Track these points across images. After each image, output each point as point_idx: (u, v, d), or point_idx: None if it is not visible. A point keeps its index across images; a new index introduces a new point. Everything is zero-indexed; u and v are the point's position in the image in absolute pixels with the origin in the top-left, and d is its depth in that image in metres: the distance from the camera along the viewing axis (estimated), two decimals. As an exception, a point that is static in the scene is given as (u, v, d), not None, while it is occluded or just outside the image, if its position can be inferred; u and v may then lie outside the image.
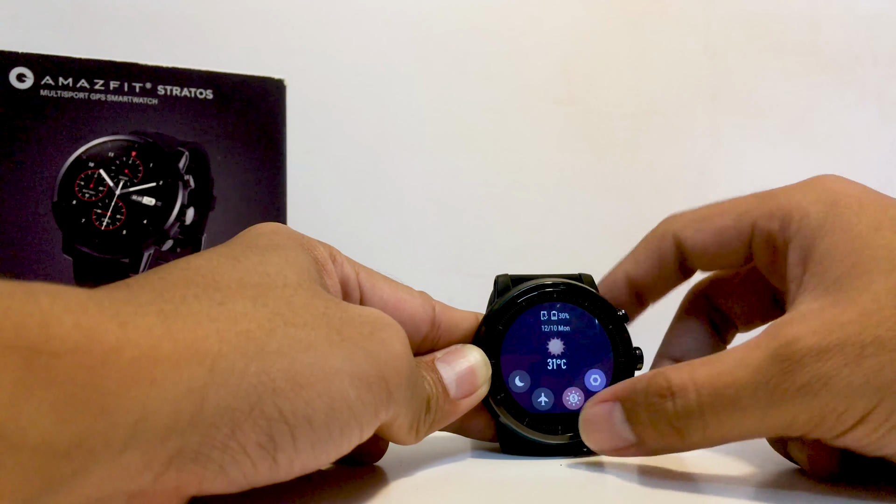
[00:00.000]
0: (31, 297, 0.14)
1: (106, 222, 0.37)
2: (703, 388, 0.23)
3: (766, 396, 0.22)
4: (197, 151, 0.40)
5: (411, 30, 0.65)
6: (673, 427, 0.23)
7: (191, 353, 0.17)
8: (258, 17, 0.62)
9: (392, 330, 0.23)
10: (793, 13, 0.69)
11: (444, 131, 0.65)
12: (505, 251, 0.65)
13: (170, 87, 0.39)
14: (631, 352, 0.29)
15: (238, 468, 0.18)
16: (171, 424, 0.16)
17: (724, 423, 0.23)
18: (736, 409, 0.22)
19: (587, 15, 0.68)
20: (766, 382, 0.22)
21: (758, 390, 0.22)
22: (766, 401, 0.22)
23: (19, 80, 0.36)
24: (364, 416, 0.21)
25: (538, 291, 0.29)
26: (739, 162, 0.68)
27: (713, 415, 0.23)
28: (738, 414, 0.22)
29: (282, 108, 0.42)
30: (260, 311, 0.19)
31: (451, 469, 0.27)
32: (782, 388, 0.21)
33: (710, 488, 0.24)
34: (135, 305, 0.17)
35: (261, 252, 0.22)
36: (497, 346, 0.29)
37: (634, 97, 0.68)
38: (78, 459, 0.14)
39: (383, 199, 0.64)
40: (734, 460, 0.28)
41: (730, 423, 0.23)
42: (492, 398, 0.28)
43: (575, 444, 0.28)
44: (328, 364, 0.20)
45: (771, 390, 0.21)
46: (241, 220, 0.40)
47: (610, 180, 0.67)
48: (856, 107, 0.69)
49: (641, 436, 0.24)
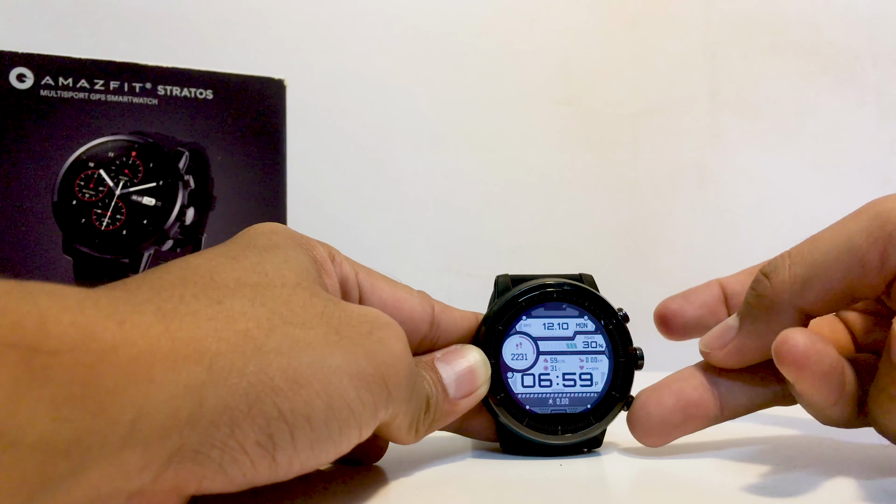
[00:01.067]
0: (28, 295, 0.14)
1: (106, 222, 0.37)
2: (794, 248, 0.25)
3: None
4: (197, 151, 0.40)
5: (411, 30, 0.65)
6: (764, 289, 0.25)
7: (189, 351, 0.17)
8: (258, 17, 0.62)
9: (391, 329, 0.23)
10: (793, 13, 0.69)
11: (443, 131, 0.65)
12: (505, 251, 0.65)
13: (170, 87, 0.39)
14: (631, 352, 0.29)
15: (237, 467, 0.18)
16: (169, 423, 0.16)
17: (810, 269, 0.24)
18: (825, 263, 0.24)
19: (587, 15, 0.68)
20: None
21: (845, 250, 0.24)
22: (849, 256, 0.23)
23: (19, 80, 0.36)
24: (363, 415, 0.20)
25: (538, 291, 0.29)
26: (739, 162, 0.68)
27: (803, 262, 0.24)
28: (825, 260, 0.24)
29: (282, 108, 0.42)
30: (258, 311, 0.19)
31: (451, 469, 0.27)
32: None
33: (710, 488, 0.24)
34: (133, 304, 0.17)
35: (259, 252, 0.22)
36: (497, 346, 0.29)
37: (634, 97, 0.68)
38: (76, 458, 0.14)
39: (383, 199, 0.64)
40: (734, 463, 0.28)
41: (818, 272, 0.24)
42: (491, 398, 0.28)
43: (574, 444, 0.28)
44: (327, 363, 0.20)
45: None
46: (241, 220, 0.40)
47: (610, 180, 0.67)
48: (856, 107, 0.69)
49: (744, 314, 0.26)
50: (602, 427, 0.29)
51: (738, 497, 0.23)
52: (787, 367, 0.23)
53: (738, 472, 0.26)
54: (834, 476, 0.25)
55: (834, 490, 0.23)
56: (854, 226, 0.24)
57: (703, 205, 0.67)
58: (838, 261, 0.24)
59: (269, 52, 0.62)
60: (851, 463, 0.27)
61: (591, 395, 0.29)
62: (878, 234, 0.23)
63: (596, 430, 0.28)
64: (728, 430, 0.33)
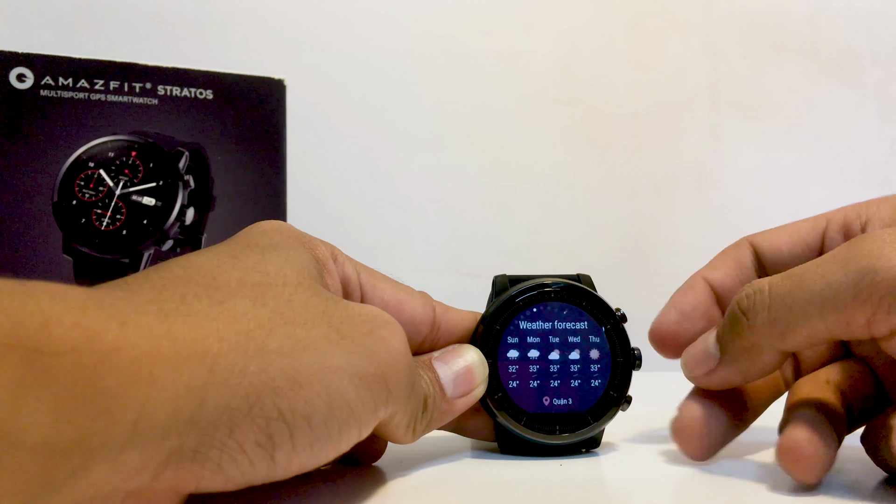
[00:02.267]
0: (31, 296, 0.15)
1: (106, 222, 0.37)
2: (774, 285, 0.23)
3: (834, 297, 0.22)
4: (197, 151, 0.40)
5: (411, 30, 0.65)
6: (748, 323, 0.24)
7: (190, 352, 0.17)
8: (258, 17, 0.62)
9: (392, 328, 0.23)
10: (793, 13, 0.69)
11: (443, 131, 0.65)
12: (505, 251, 0.65)
13: (170, 87, 0.39)
14: (629, 352, 0.29)
15: (236, 467, 0.18)
16: (170, 424, 0.16)
17: (793, 316, 0.23)
18: (806, 307, 0.22)
19: (587, 15, 0.68)
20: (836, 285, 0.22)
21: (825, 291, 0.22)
22: (834, 301, 0.22)
23: (19, 80, 0.36)
24: (363, 414, 0.21)
25: (536, 291, 0.29)
26: (739, 162, 0.68)
27: (783, 308, 0.23)
28: (807, 310, 0.22)
29: (282, 108, 0.42)
30: (260, 311, 0.19)
31: (449, 469, 0.27)
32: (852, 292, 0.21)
33: (710, 489, 0.25)
34: (135, 305, 0.17)
35: (261, 251, 0.22)
36: (494, 346, 0.29)
37: (634, 97, 0.68)
38: (77, 459, 0.14)
39: (383, 199, 0.64)
40: (734, 463, 0.28)
41: (799, 320, 0.23)
42: (489, 398, 0.28)
43: (572, 444, 0.28)
44: (328, 363, 0.20)
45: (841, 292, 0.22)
46: (241, 220, 0.40)
47: (610, 180, 0.67)
48: (856, 107, 0.69)
49: (724, 346, 0.25)
50: (600, 427, 0.29)
51: (738, 497, 0.23)
52: (787, 468, 0.23)
53: (738, 472, 0.26)
54: (834, 476, 0.25)
55: (833, 490, 0.24)
56: (841, 278, 0.21)
57: (703, 205, 0.67)
58: (821, 313, 0.22)
59: (269, 52, 0.62)
60: (853, 463, 0.27)
61: (589, 396, 0.29)
62: (866, 295, 0.21)
63: (594, 430, 0.29)
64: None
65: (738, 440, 0.28)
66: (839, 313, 0.22)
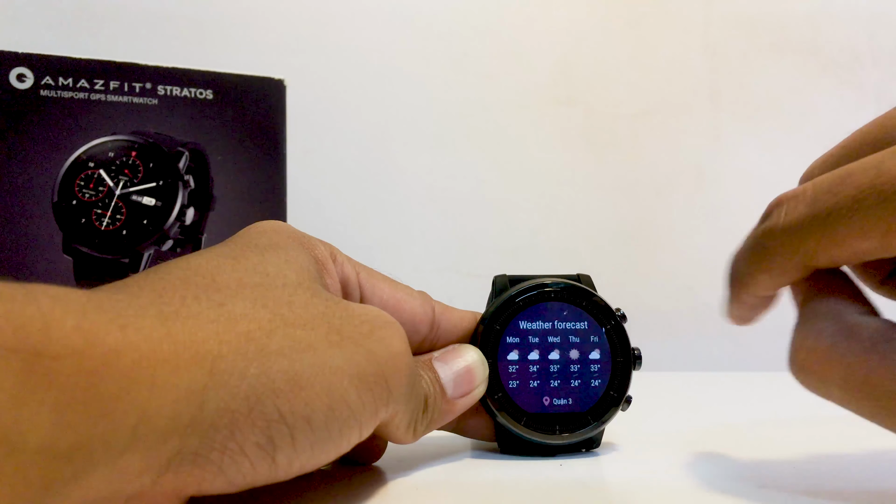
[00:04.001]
0: (31, 299, 0.15)
1: (106, 222, 0.37)
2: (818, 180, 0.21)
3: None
4: (197, 151, 0.40)
5: (411, 30, 0.65)
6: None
7: (191, 354, 0.17)
8: (258, 17, 0.62)
9: (392, 328, 0.23)
10: (793, 13, 0.69)
11: (443, 131, 0.65)
12: (504, 251, 0.65)
13: (170, 87, 0.39)
14: (629, 352, 0.29)
15: (237, 469, 0.18)
16: (170, 426, 0.16)
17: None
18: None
19: (587, 15, 0.68)
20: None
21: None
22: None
23: (19, 80, 0.36)
24: (364, 415, 0.21)
25: (536, 291, 0.29)
26: (739, 162, 0.68)
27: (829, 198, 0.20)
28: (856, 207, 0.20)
29: (282, 108, 0.42)
30: (260, 312, 0.19)
31: (449, 469, 0.27)
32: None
33: (709, 489, 0.25)
34: (135, 308, 0.17)
35: (260, 251, 0.22)
36: (494, 346, 0.29)
37: (634, 97, 0.68)
38: (78, 462, 0.14)
39: (383, 199, 0.64)
40: (733, 463, 0.28)
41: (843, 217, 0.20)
42: (489, 398, 0.28)
43: (572, 444, 0.28)
44: (328, 364, 0.20)
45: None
46: (241, 220, 0.40)
47: (610, 180, 0.67)
48: (856, 107, 0.69)
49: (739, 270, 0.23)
50: (600, 427, 0.29)
51: (738, 497, 0.23)
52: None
53: (738, 472, 0.26)
54: (834, 476, 0.25)
55: (834, 490, 0.24)
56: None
57: (703, 205, 0.67)
58: (875, 208, 0.19)
59: (269, 52, 0.62)
60: (856, 464, 0.27)
61: (589, 395, 0.29)
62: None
63: (594, 430, 0.29)
64: (728, 430, 0.34)
65: (740, 441, 0.28)
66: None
